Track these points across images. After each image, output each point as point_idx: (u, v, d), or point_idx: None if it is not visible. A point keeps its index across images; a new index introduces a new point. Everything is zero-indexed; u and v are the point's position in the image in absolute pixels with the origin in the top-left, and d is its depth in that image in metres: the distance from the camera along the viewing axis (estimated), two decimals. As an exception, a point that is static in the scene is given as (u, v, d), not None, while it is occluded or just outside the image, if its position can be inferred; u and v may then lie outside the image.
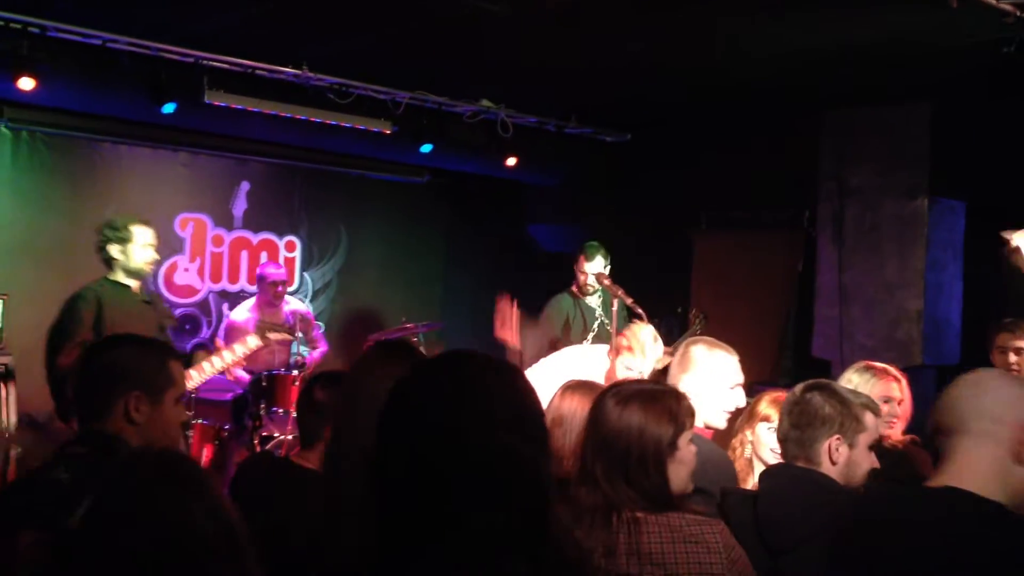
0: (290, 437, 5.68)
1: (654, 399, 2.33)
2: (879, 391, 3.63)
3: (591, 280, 5.60)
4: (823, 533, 2.17)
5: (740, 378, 3.34)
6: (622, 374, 4.31)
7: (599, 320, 5.63)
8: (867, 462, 2.63)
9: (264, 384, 5.84)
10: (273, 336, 5.32)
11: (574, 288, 5.85)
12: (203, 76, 5.74)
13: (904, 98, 6.00)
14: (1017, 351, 4.29)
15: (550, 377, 4.28)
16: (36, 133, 6.47)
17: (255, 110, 6.01)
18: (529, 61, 5.78)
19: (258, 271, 6.78)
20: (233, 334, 6.27)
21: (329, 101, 6.12)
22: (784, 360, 6.62)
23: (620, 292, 4.96)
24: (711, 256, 7.29)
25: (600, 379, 4.35)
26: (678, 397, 2.39)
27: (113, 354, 2.41)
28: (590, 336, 5.58)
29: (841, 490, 2.54)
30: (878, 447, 3.62)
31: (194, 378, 4.87)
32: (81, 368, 2.46)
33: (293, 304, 6.82)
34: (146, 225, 4.85)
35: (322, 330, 7.14)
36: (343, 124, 6.32)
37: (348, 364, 6.63)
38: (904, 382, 3.73)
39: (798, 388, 2.76)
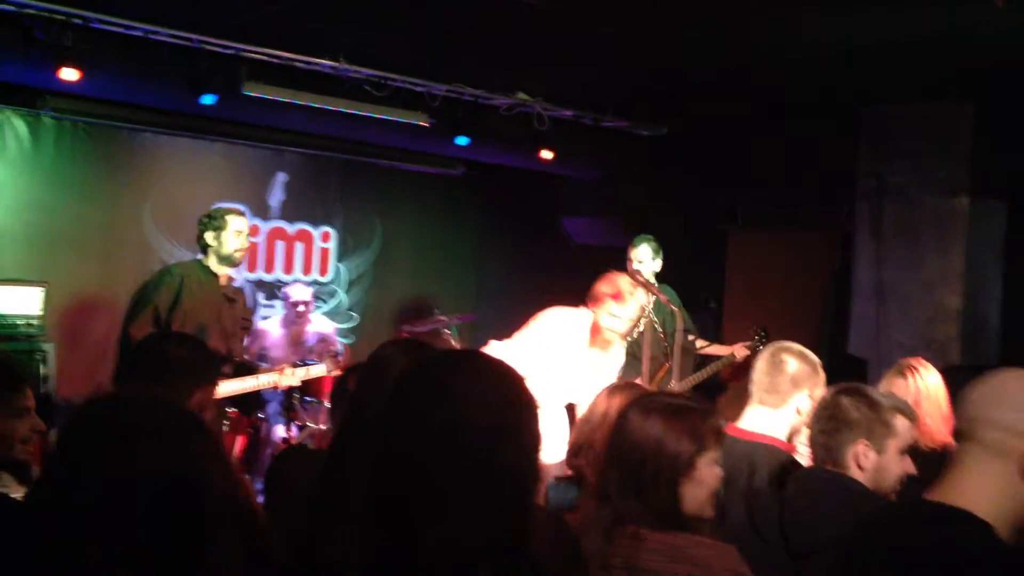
0: (323, 427, 5.73)
1: (678, 414, 2.24)
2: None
3: (636, 267, 5.50)
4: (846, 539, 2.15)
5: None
6: (607, 323, 4.29)
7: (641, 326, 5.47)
8: (898, 468, 2.57)
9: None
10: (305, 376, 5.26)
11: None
12: (242, 68, 5.78)
13: (945, 95, 5.92)
14: None
15: (535, 343, 4.28)
16: (78, 123, 6.57)
17: (292, 102, 6.04)
18: (566, 54, 5.77)
19: (283, 290, 6.84)
20: (263, 343, 6.33)
21: (366, 93, 6.14)
22: (820, 357, 6.57)
23: (653, 289, 4.95)
24: (746, 252, 7.24)
25: (586, 334, 4.36)
26: (704, 415, 2.28)
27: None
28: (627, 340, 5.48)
29: (869, 496, 2.51)
30: (916, 450, 3.61)
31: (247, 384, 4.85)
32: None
33: (317, 322, 6.83)
34: (240, 215, 5.06)
35: (340, 350, 6.96)
36: (379, 116, 6.34)
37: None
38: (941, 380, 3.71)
39: (830, 391, 2.74)
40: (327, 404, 5.77)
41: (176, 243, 6.89)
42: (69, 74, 5.30)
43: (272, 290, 7.51)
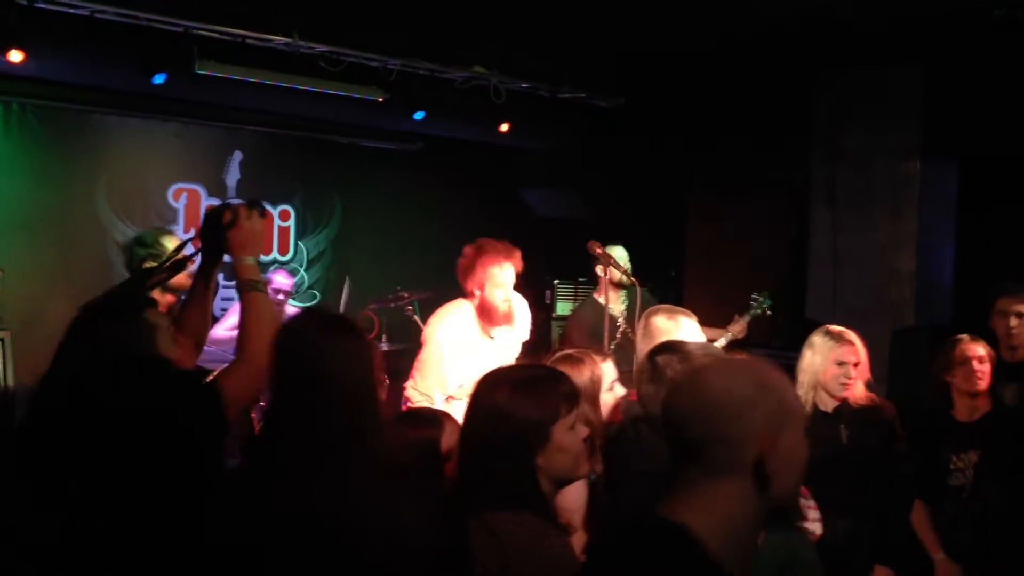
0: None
1: (526, 384, 2.17)
2: (834, 355, 3.77)
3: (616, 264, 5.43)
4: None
5: (702, 339, 3.45)
6: (492, 296, 4.29)
7: (620, 328, 5.46)
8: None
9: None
10: None
11: (597, 293, 5.49)
12: (193, 46, 5.70)
13: (897, 60, 5.98)
14: (1018, 315, 4.17)
15: (438, 362, 4.24)
16: (27, 106, 6.44)
17: (246, 79, 5.97)
18: (521, 25, 5.75)
19: (266, 275, 6.70)
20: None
21: (320, 69, 6.09)
22: (778, 321, 6.66)
23: (612, 261, 4.97)
24: (705, 220, 7.31)
25: (474, 321, 4.38)
26: (554, 382, 2.21)
27: None
28: (612, 345, 5.44)
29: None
30: (845, 407, 3.79)
31: None
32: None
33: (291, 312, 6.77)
34: (171, 234, 4.59)
35: None
36: (335, 92, 6.29)
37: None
38: (860, 344, 3.83)
39: (648, 349, 2.95)
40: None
41: (131, 224, 6.80)
42: (14, 56, 5.19)
43: (229, 271, 7.43)
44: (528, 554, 2.00)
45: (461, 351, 4.26)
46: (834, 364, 3.80)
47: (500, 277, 4.28)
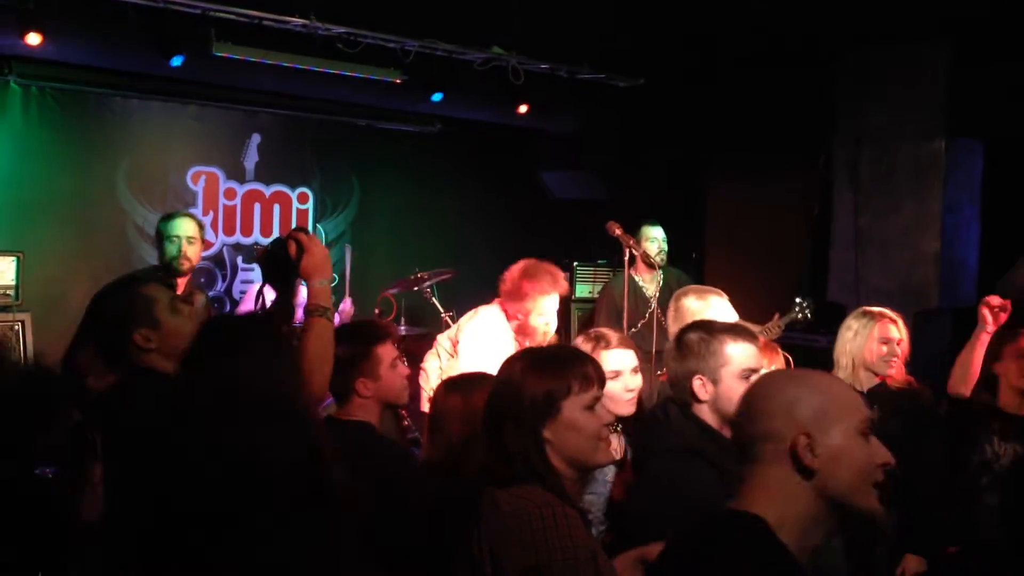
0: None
1: (545, 359, 2.19)
2: (878, 333, 3.72)
3: (648, 247, 5.37)
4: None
5: (734, 317, 3.42)
6: (537, 323, 4.20)
7: (652, 309, 5.39)
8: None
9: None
10: None
11: (633, 270, 5.43)
12: (211, 28, 5.68)
13: (921, 38, 5.89)
14: None
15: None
16: (46, 89, 6.45)
17: (264, 61, 5.95)
18: (540, 6, 5.70)
19: None
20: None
21: (338, 51, 6.06)
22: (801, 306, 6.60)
23: (631, 242, 4.93)
24: (725, 203, 7.24)
25: (510, 335, 4.26)
26: (575, 360, 2.19)
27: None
28: (639, 325, 5.36)
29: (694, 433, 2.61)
30: (883, 387, 3.72)
31: None
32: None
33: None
34: (180, 217, 4.67)
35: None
36: (352, 74, 6.26)
37: (364, 314, 6.65)
38: (901, 322, 3.78)
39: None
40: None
41: (151, 208, 6.82)
42: (33, 39, 5.20)
43: (251, 253, 7.45)
44: (531, 524, 1.97)
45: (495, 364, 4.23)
46: (878, 342, 3.75)
47: (547, 307, 4.18)
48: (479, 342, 4.25)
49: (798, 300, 5.35)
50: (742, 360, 2.59)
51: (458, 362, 4.29)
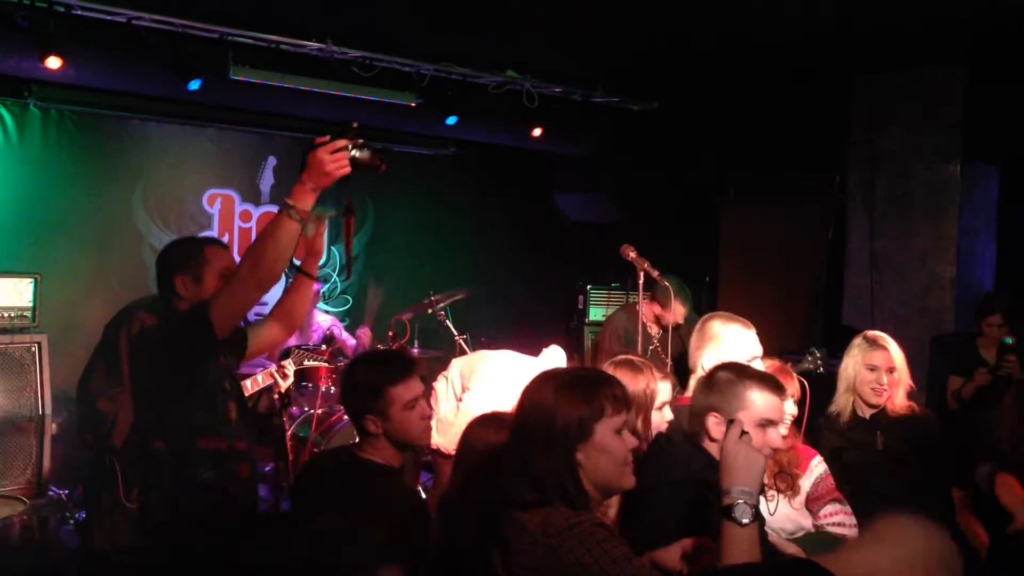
0: (319, 411, 5.72)
1: (573, 382, 2.15)
2: (865, 360, 3.70)
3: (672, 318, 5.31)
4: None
5: (758, 350, 3.36)
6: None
7: (653, 347, 5.36)
8: (759, 441, 2.46)
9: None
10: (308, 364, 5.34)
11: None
12: (228, 52, 5.74)
13: (936, 61, 5.89)
14: None
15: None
16: (64, 112, 6.52)
17: (280, 85, 6.00)
18: (554, 29, 5.73)
19: None
20: None
21: (354, 75, 6.10)
22: (814, 328, 6.57)
23: (646, 265, 4.90)
24: (739, 225, 7.23)
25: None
26: (603, 383, 2.16)
27: None
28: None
29: (693, 466, 2.54)
30: (883, 414, 3.69)
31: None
32: None
33: (320, 318, 6.81)
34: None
35: (343, 335, 6.96)
36: (368, 97, 6.30)
37: (378, 334, 6.65)
38: (896, 351, 3.73)
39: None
40: (323, 388, 5.80)
41: (167, 230, 6.86)
42: (53, 63, 5.25)
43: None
44: (563, 534, 1.98)
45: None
46: (866, 369, 3.73)
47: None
48: (500, 372, 4.25)
49: (812, 350, 5.32)
50: (762, 409, 2.54)
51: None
